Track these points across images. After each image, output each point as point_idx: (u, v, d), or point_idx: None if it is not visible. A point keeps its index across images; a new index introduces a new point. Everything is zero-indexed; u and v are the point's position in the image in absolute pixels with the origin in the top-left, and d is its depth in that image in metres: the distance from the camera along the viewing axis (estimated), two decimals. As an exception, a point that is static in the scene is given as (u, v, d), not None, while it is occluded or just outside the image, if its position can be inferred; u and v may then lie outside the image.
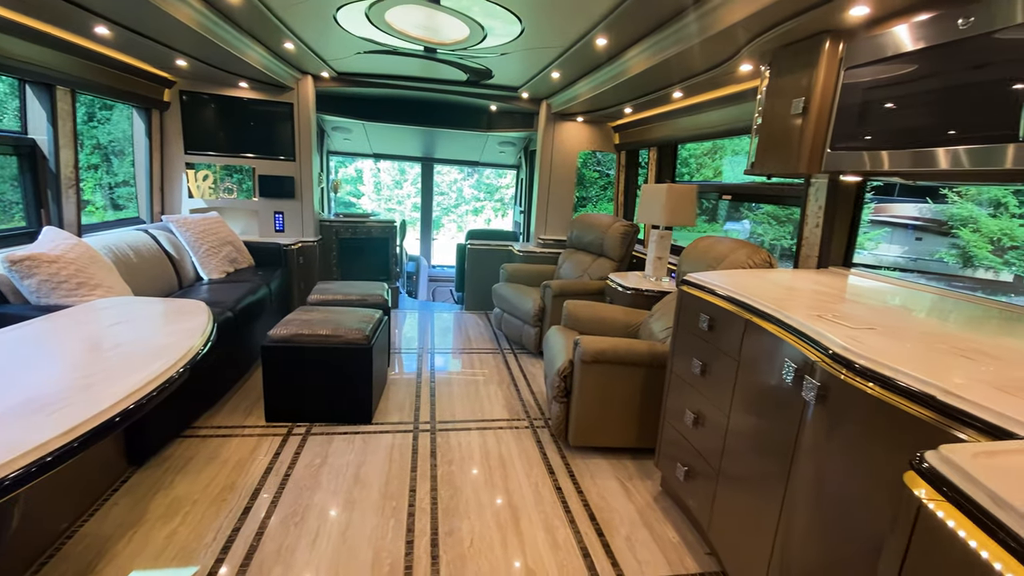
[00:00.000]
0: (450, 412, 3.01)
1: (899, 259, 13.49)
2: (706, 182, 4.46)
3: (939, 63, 1.47)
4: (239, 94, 4.31)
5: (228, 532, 1.92)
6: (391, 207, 15.31)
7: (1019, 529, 0.55)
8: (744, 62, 2.38)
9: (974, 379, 0.97)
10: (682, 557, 1.93)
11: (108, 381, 1.28)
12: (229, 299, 3.11)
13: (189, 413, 2.66)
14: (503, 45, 3.19)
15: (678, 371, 2.07)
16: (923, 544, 0.68)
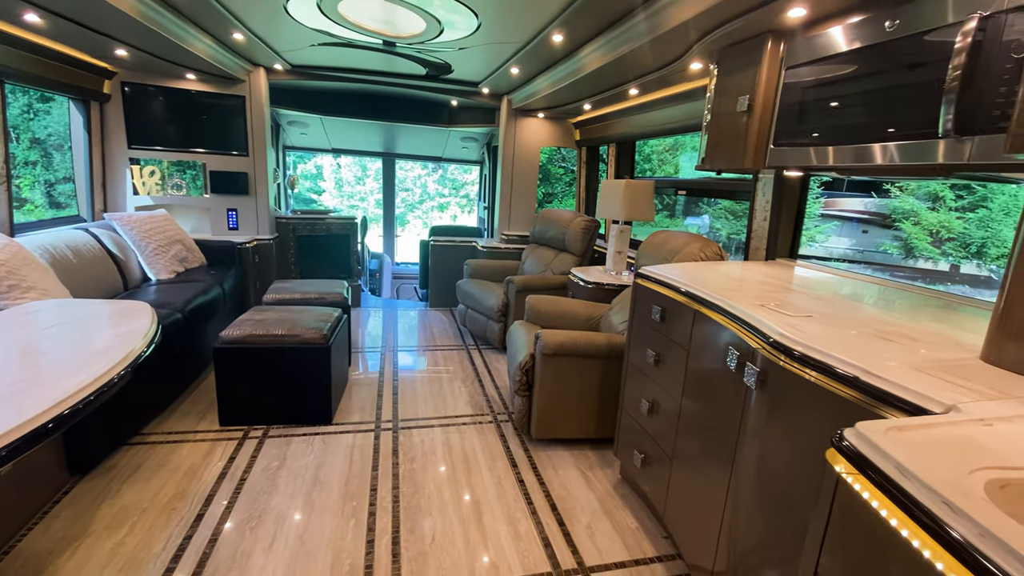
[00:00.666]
0: (413, 410, 2.99)
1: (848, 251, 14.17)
2: (663, 178, 4.57)
3: (869, 63, 1.55)
4: (186, 86, 4.13)
5: (179, 540, 1.86)
6: (353, 204, 15.01)
7: (920, 496, 0.60)
8: (694, 60, 2.45)
9: (896, 361, 1.04)
10: (640, 542, 1.98)
11: (40, 387, 1.21)
12: (179, 300, 2.99)
13: (136, 419, 2.55)
14: (460, 40, 3.17)
15: (634, 361, 2.13)
16: (842, 514, 0.72)
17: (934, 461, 0.66)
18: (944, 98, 1.27)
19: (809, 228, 12.77)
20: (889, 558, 0.63)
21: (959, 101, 1.25)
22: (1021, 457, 0.70)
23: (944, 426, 0.76)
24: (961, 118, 1.25)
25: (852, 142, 1.57)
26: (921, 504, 0.59)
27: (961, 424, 0.78)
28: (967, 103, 1.25)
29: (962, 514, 0.55)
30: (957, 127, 1.26)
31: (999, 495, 0.66)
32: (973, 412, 0.82)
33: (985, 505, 0.57)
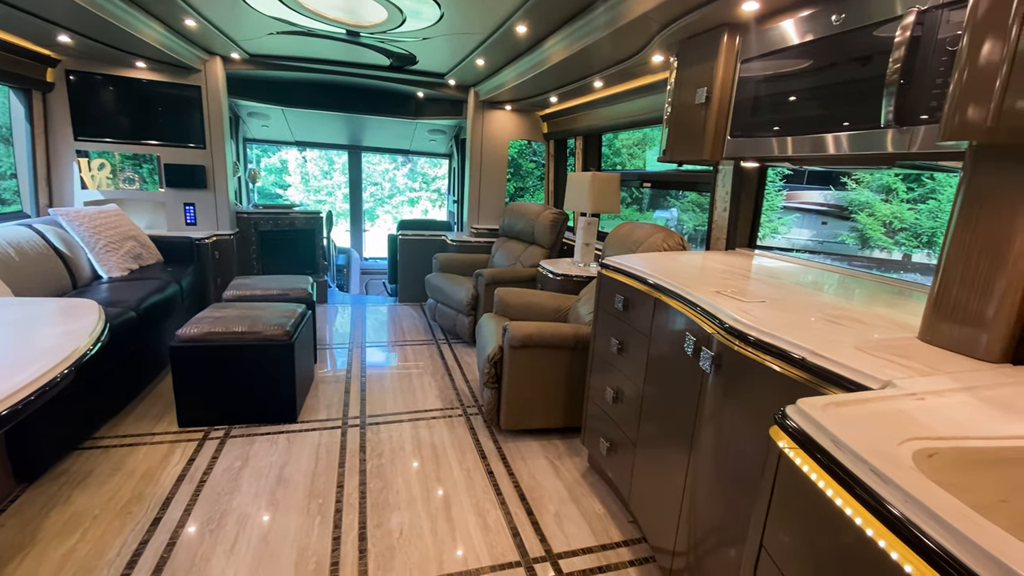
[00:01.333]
0: (381, 406, 2.96)
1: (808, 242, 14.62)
2: (629, 170, 4.62)
3: (818, 57, 1.60)
4: (137, 75, 3.95)
5: (135, 546, 1.79)
6: (320, 198, 14.69)
7: (852, 466, 0.63)
8: (655, 53, 2.48)
9: (841, 342, 1.08)
10: (607, 527, 2.02)
11: (-28, 389, 1.14)
12: (132, 298, 2.87)
13: (89, 422, 2.45)
14: (423, 30, 3.13)
15: (599, 350, 2.15)
16: (784, 488, 0.75)
17: (866, 433, 0.69)
18: (885, 90, 1.32)
19: (772, 220, 13.17)
20: (826, 527, 0.66)
21: (899, 93, 1.30)
22: (948, 428, 0.74)
23: (879, 401, 0.80)
24: (901, 109, 1.31)
25: (803, 133, 1.62)
26: (853, 474, 0.62)
27: (895, 399, 0.81)
28: (907, 95, 1.30)
29: (890, 482, 0.58)
30: (898, 118, 1.32)
31: (927, 464, 0.69)
32: (907, 387, 0.86)
33: (912, 473, 0.60)
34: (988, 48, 0.85)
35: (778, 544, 0.77)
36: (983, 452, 0.71)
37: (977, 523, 0.51)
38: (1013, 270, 0.98)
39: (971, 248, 1.04)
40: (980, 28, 0.90)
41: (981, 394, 0.86)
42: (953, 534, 0.51)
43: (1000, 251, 0.99)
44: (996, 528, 0.51)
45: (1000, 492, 0.73)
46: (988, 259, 1.01)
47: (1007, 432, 0.74)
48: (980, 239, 1.03)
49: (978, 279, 1.03)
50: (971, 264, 1.04)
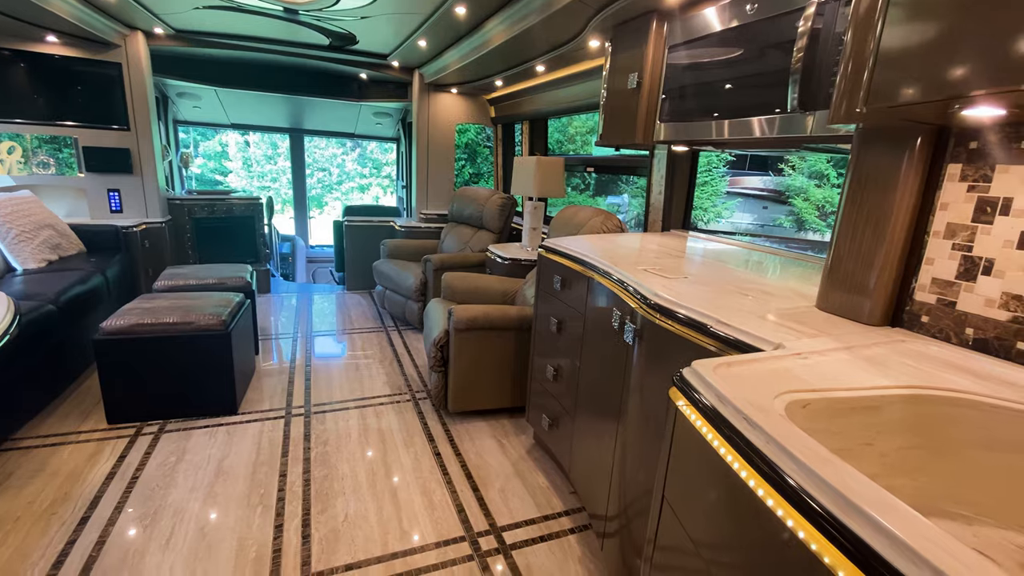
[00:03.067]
0: (328, 394, 2.93)
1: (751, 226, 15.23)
2: (572, 155, 4.70)
3: (734, 44, 1.68)
4: (49, 50, 3.64)
5: (60, 547, 1.72)
6: (264, 184, 14.08)
7: (729, 416, 0.69)
8: (592, 38, 2.52)
9: (745, 311, 1.17)
10: (550, 499, 2.10)
11: None
12: (51, 291, 2.69)
13: (5, 423, 2.29)
14: (360, 8, 3.04)
15: (540, 330, 2.21)
16: (680, 441, 0.82)
17: (748, 388, 0.76)
18: (790, 78, 1.41)
19: (717, 205, 13.71)
20: (712, 474, 0.73)
21: (802, 81, 1.40)
22: (823, 382, 0.82)
23: (767, 360, 0.88)
24: (805, 96, 1.40)
25: (721, 117, 1.71)
26: (729, 422, 0.69)
27: (782, 359, 0.90)
28: (809, 82, 1.40)
29: (756, 427, 0.65)
30: (802, 104, 1.41)
31: (801, 413, 0.77)
32: (794, 348, 0.94)
33: (779, 419, 0.67)
34: (862, 42, 0.94)
35: (676, 494, 0.84)
36: (849, 401, 0.80)
37: (827, 459, 0.59)
38: (890, 241, 1.09)
39: (857, 222, 1.15)
40: (860, 25, 0.98)
41: (859, 353, 0.96)
42: (803, 468, 0.57)
43: (880, 225, 1.10)
44: (843, 464, 0.58)
45: (865, 436, 0.83)
46: (871, 232, 1.12)
47: (872, 383, 0.83)
48: (864, 214, 1.13)
49: (862, 251, 1.14)
50: (857, 237, 1.15)
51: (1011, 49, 0.71)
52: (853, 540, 0.49)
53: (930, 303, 1.06)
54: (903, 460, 0.83)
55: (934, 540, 0.46)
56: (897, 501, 0.51)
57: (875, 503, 0.50)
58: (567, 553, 1.82)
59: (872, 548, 0.48)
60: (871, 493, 0.52)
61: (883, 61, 0.88)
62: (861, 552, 0.48)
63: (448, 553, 1.78)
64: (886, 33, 0.87)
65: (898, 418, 0.82)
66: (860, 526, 0.49)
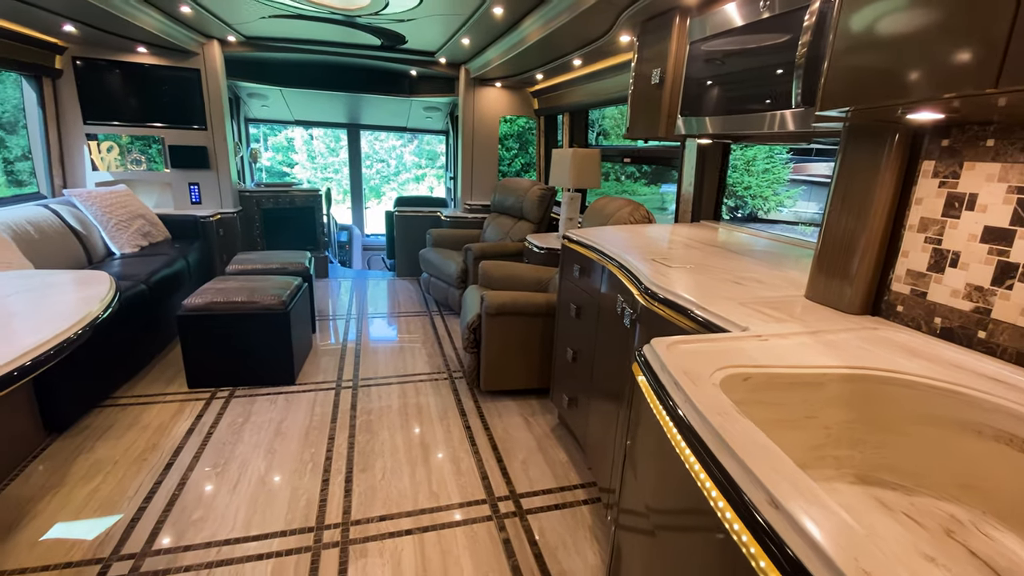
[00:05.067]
0: (374, 370, 3.20)
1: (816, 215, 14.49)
2: (608, 146, 4.72)
3: (749, 40, 1.72)
4: (139, 60, 4.12)
5: (150, 486, 2.06)
6: (327, 176, 14.85)
7: (666, 383, 0.82)
8: (622, 33, 2.59)
9: (730, 298, 1.26)
10: (567, 473, 2.25)
11: (5, 343, 1.37)
12: (143, 272, 3.11)
13: (107, 384, 2.71)
14: (406, 12, 3.25)
15: (562, 315, 2.35)
16: (636, 407, 0.94)
17: (693, 363, 0.87)
18: (795, 72, 1.46)
19: (779, 193, 13.06)
20: (654, 433, 0.85)
21: (806, 75, 1.44)
22: (770, 360, 0.92)
23: (724, 341, 0.98)
24: (808, 91, 1.45)
25: (734, 112, 1.76)
26: (664, 388, 0.81)
27: (741, 340, 1.00)
28: (814, 77, 1.44)
29: (680, 390, 0.77)
30: (805, 98, 1.46)
31: (741, 386, 0.88)
32: (757, 331, 1.04)
33: (707, 387, 0.79)
34: (816, 50, 1.00)
35: (634, 459, 0.97)
36: (792, 377, 0.90)
37: (732, 418, 0.70)
38: (870, 234, 1.15)
39: (842, 213, 1.21)
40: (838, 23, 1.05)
41: (823, 338, 1.04)
42: (706, 425, 0.70)
43: (862, 217, 1.16)
44: (745, 421, 0.70)
45: (808, 409, 0.92)
46: (853, 222, 1.18)
47: (818, 363, 0.92)
48: (848, 205, 1.19)
49: (845, 242, 1.20)
50: (841, 227, 1.21)
51: (935, 62, 0.78)
52: (727, 480, 0.62)
53: (904, 293, 1.11)
54: (846, 433, 0.92)
55: (782, 472, 0.58)
56: (767, 441, 0.63)
57: (744, 444, 0.62)
58: (578, 521, 1.97)
59: (736, 483, 0.60)
60: (747, 438, 0.64)
61: (831, 71, 0.95)
62: (732, 492, 0.61)
63: (470, 512, 1.98)
64: (836, 44, 0.95)
65: (839, 394, 0.90)
66: (728, 463, 0.61)
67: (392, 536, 1.84)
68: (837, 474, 0.94)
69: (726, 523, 0.59)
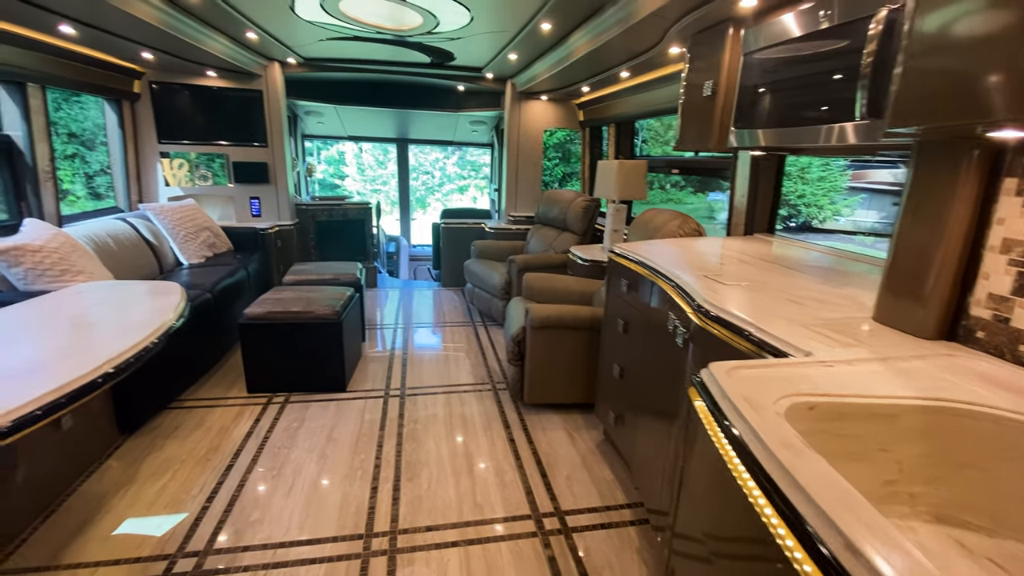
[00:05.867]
0: (420, 379, 3.27)
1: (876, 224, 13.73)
2: (656, 156, 4.65)
3: (807, 51, 1.67)
4: (208, 83, 4.42)
5: (213, 485, 2.17)
6: (376, 187, 15.34)
7: (728, 413, 0.80)
8: (672, 45, 2.56)
9: (789, 319, 1.21)
10: (613, 492, 2.21)
11: (91, 350, 1.50)
12: (208, 282, 3.31)
13: (175, 387, 2.89)
14: (456, 31, 3.33)
15: (608, 330, 2.32)
16: (693, 436, 0.92)
17: (755, 390, 0.85)
18: (859, 83, 1.40)
19: (836, 201, 12.47)
20: (712, 460, 0.83)
21: (871, 86, 1.38)
22: (837, 388, 0.88)
23: (787, 366, 0.95)
24: (874, 102, 1.38)
25: (793, 124, 1.71)
26: (725, 417, 0.79)
27: (804, 365, 0.96)
28: (879, 88, 1.38)
29: (743, 420, 0.75)
30: (871, 110, 1.39)
31: (807, 414, 0.85)
32: (822, 356, 1.00)
33: (770, 416, 0.76)
34: (891, 66, 0.96)
35: (690, 486, 0.94)
36: (862, 407, 0.85)
37: (799, 451, 0.68)
38: (946, 254, 1.08)
39: (914, 230, 1.15)
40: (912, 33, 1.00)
41: (894, 365, 0.99)
42: (772, 459, 0.67)
43: (937, 234, 1.10)
44: (814, 455, 0.67)
45: (880, 441, 0.87)
46: (927, 241, 1.11)
47: (890, 393, 0.87)
48: (921, 222, 1.13)
49: (918, 263, 1.13)
50: (913, 246, 1.14)
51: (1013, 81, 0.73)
52: (795, 518, 0.59)
53: (985, 318, 1.04)
54: (921, 468, 0.86)
55: (857, 512, 0.55)
56: (841, 481, 0.60)
57: (814, 481, 0.60)
58: (625, 543, 1.92)
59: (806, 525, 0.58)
60: (817, 474, 0.61)
61: (904, 86, 0.91)
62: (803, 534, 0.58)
63: (515, 527, 1.97)
64: (909, 61, 0.90)
65: (914, 427, 0.85)
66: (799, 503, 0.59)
67: (438, 547, 1.86)
68: (912, 512, 0.88)
69: (796, 564, 0.57)
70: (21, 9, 2.43)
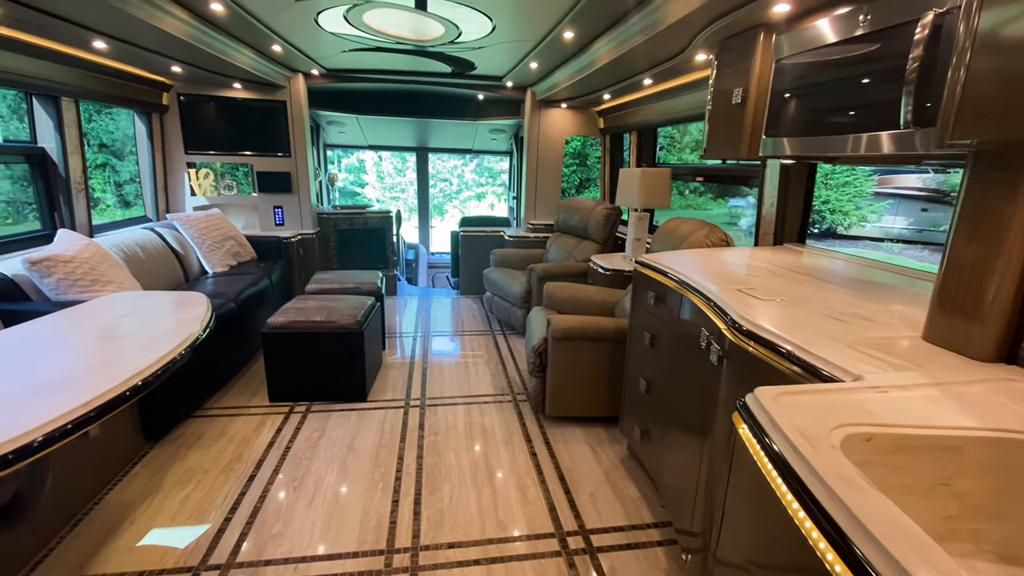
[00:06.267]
0: (440, 389, 3.24)
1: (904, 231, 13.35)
2: (679, 164, 4.58)
3: (845, 57, 1.61)
4: (234, 94, 4.50)
5: (235, 496, 2.17)
6: (394, 195, 15.49)
7: (781, 446, 0.75)
8: (698, 52, 2.51)
9: (833, 338, 1.15)
10: (639, 510, 2.15)
11: (119, 363, 1.50)
12: (232, 291, 3.34)
13: (198, 395, 2.91)
14: (478, 40, 3.33)
15: (634, 343, 2.27)
16: (738, 463, 0.87)
17: (806, 419, 0.79)
18: (904, 89, 1.34)
19: (861, 207, 12.16)
20: (763, 492, 0.78)
21: (917, 93, 1.32)
22: (895, 417, 0.82)
23: (838, 392, 0.89)
24: (919, 111, 1.32)
25: (830, 133, 1.64)
26: (776, 450, 0.74)
27: (856, 391, 0.90)
28: (925, 96, 1.31)
29: (799, 456, 0.70)
30: (916, 119, 1.33)
31: (864, 446, 0.79)
32: (874, 381, 0.94)
33: (829, 451, 0.71)
34: (953, 73, 0.91)
35: (734, 513, 0.89)
36: (923, 439, 0.80)
37: (859, 488, 0.63)
38: (1006, 268, 1.02)
39: (969, 245, 1.08)
40: (958, 54, 0.94)
41: (952, 391, 0.92)
42: (831, 496, 0.62)
43: (995, 249, 1.03)
44: (876, 492, 0.62)
45: (941, 475, 0.81)
46: (984, 256, 1.05)
47: (953, 423, 0.81)
48: (977, 236, 1.06)
49: (974, 276, 1.07)
50: (968, 261, 1.08)
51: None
52: (856, 557, 0.55)
53: (1052, 341, 0.97)
54: (985, 503, 0.80)
55: (922, 553, 0.50)
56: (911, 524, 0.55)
57: (877, 520, 0.55)
58: (653, 564, 1.86)
59: (880, 570, 0.53)
60: (878, 512, 0.56)
61: (970, 93, 0.85)
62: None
63: (538, 546, 1.93)
64: (972, 69, 0.85)
65: (980, 460, 0.79)
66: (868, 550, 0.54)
67: (460, 565, 1.82)
68: (976, 550, 0.82)
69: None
70: (58, 26, 2.50)
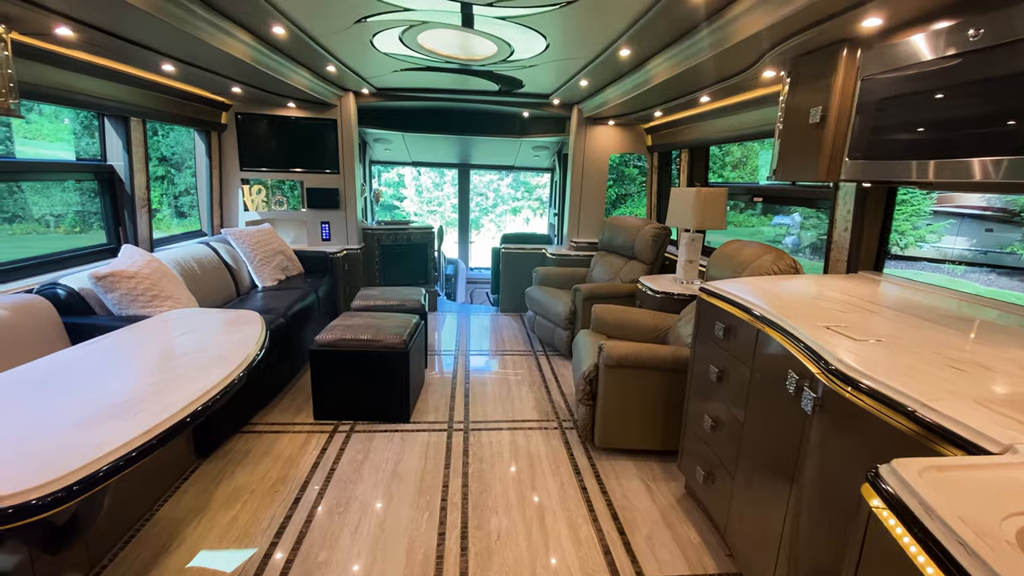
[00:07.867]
0: (483, 412, 3.16)
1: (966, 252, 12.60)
2: (738, 184, 4.41)
3: (953, 75, 1.47)
4: (288, 113, 4.62)
5: (281, 520, 2.14)
6: (432, 208, 15.70)
7: (940, 536, 0.63)
8: (767, 69, 2.39)
9: (958, 393, 1.01)
10: (701, 557, 1.99)
11: (179, 386, 1.49)
12: (281, 306, 3.38)
13: (247, 411, 2.93)
14: (530, 59, 3.30)
15: (698, 376, 2.13)
16: (873, 547, 0.75)
17: (967, 503, 0.67)
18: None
19: (919, 227, 11.52)
20: None
21: (1049, 116, 1.17)
22: (1073, 504, 0.69)
23: (992, 468, 0.76)
24: (1052, 134, 1.18)
25: (928, 157, 1.50)
26: (941, 544, 0.62)
27: (1014, 467, 0.77)
28: (1059, 118, 1.17)
29: (975, 556, 0.58)
30: (1047, 144, 1.18)
31: (1039, 540, 0.66)
32: (1031, 453, 0.80)
33: (1006, 550, 0.59)
34: None
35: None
36: (1115, 535, 0.66)
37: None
38: None
39: None
40: None
41: None
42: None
43: None
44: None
45: None
46: None
47: None
48: None
49: None
50: None
51: None
52: None
53: None
54: None
55: None
56: None
57: None
58: (721, 621, 1.71)
59: None
60: None
61: None
62: None
63: (594, 593, 1.80)
64: None
65: None
66: None
67: (513, 611, 1.72)
68: None
69: None
70: (134, 51, 2.59)
